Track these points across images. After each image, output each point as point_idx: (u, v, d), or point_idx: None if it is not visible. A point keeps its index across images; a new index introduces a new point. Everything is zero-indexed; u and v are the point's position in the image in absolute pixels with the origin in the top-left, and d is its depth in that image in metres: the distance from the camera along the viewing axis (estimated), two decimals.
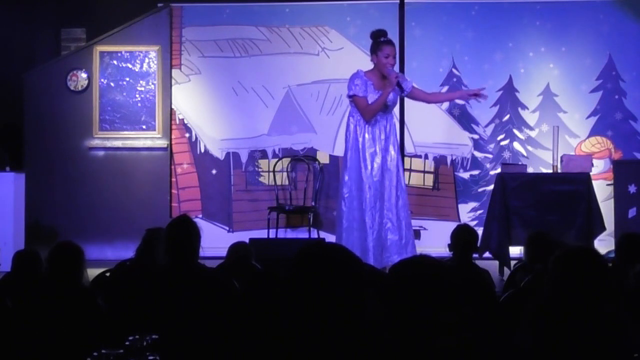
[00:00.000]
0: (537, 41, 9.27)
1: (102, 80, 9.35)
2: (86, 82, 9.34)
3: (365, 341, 2.47)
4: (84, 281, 4.54)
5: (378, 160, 7.43)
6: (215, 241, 8.09)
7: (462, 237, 5.45)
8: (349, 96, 7.50)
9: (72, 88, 9.35)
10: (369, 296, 2.52)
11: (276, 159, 9.30)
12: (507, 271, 7.30)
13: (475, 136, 9.29)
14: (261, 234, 8.73)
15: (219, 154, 9.41)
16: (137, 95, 9.36)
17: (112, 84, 9.35)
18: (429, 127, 9.30)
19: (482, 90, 7.71)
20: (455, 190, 9.29)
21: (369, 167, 7.43)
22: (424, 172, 9.31)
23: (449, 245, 5.48)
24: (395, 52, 7.48)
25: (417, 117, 9.28)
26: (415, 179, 9.30)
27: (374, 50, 7.47)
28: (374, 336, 2.48)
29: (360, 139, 7.44)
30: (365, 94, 7.40)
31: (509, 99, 9.27)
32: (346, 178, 7.47)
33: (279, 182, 9.17)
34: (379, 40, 7.46)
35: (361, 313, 2.48)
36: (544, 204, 7.86)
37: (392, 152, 7.51)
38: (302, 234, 9.18)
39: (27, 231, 8.64)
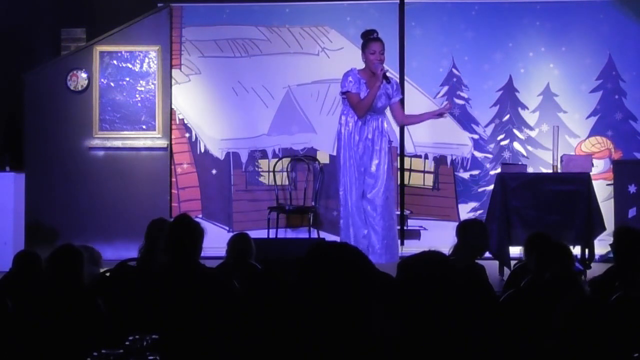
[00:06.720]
0: (537, 41, 9.26)
1: (102, 80, 9.34)
2: (86, 82, 9.33)
3: (370, 342, 2.46)
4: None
5: (364, 159, 7.72)
6: (215, 241, 7.99)
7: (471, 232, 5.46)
8: (342, 93, 7.81)
9: (72, 88, 9.34)
10: (377, 298, 2.51)
11: (276, 159, 9.30)
12: (507, 271, 7.30)
13: (475, 136, 9.29)
14: (261, 234, 8.72)
15: (219, 154, 9.41)
16: (137, 95, 9.35)
17: (112, 84, 9.35)
18: (429, 127, 9.28)
19: (445, 105, 8.17)
20: (455, 190, 9.28)
21: (355, 166, 7.70)
22: (424, 172, 9.30)
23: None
24: (383, 49, 7.74)
25: None
26: (415, 179, 9.30)
27: (363, 49, 7.79)
28: (379, 338, 2.47)
29: (353, 137, 7.72)
30: (359, 90, 7.61)
31: (509, 99, 9.27)
32: (341, 176, 7.76)
33: (279, 182, 9.17)
34: (366, 39, 7.79)
35: (368, 314, 2.47)
36: (544, 204, 7.85)
37: (375, 157, 7.68)
38: (302, 234, 9.17)
39: (27, 231, 8.62)
